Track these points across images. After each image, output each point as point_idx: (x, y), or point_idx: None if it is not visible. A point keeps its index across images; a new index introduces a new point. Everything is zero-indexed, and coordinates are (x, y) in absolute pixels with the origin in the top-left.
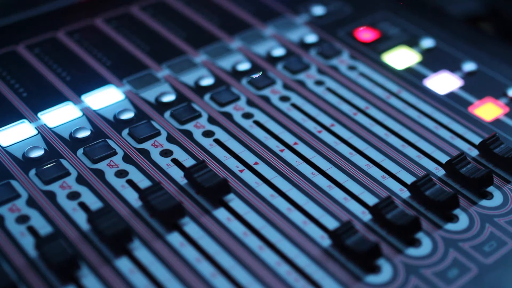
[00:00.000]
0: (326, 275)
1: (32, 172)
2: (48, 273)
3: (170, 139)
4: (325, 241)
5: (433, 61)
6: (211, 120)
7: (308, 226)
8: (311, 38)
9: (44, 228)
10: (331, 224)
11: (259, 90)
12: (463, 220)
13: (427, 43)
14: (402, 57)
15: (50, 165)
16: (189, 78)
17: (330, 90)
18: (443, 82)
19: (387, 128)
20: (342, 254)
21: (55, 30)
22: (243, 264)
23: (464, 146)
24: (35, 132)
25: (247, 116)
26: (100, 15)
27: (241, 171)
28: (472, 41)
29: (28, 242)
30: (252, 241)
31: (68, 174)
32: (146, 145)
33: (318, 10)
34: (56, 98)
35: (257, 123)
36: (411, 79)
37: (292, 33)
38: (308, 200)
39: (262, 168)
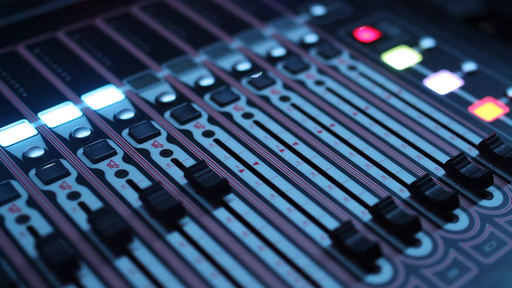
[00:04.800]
0: (326, 275)
1: (32, 172)
2: (48, 273)
3: (170, 139)
4: (325, 241)
5: (433, 61)
6: (211, 120)
7: (308, 226)
8: (311, 38)
9: (44, 228)
10: (331, 224)
11: (259, 90)
12: (463, 220)
13: (427, 43)
14: (402, 57)
15: (50, 165)
16: (189, 78)
17: (330, 90)
18: (443, 82)
19: (387, 128)
20: (342, 254)
21: (55, 30)
22: (243, 264)
23: (464, 146)
24: (35, 132)
25: (247, 116)
26: (100, 15)
27: (241, 171)
28: (472, 41)
29: (28, 242)
30: (252, 241)
31: (68, 174)
32: (146, 145)
33: (318, 10)
34: (56, 98)
35: (257, 123)
36: (411, 79)
37: (292, 33)
38: (308, 200)
39: (262, 168)
